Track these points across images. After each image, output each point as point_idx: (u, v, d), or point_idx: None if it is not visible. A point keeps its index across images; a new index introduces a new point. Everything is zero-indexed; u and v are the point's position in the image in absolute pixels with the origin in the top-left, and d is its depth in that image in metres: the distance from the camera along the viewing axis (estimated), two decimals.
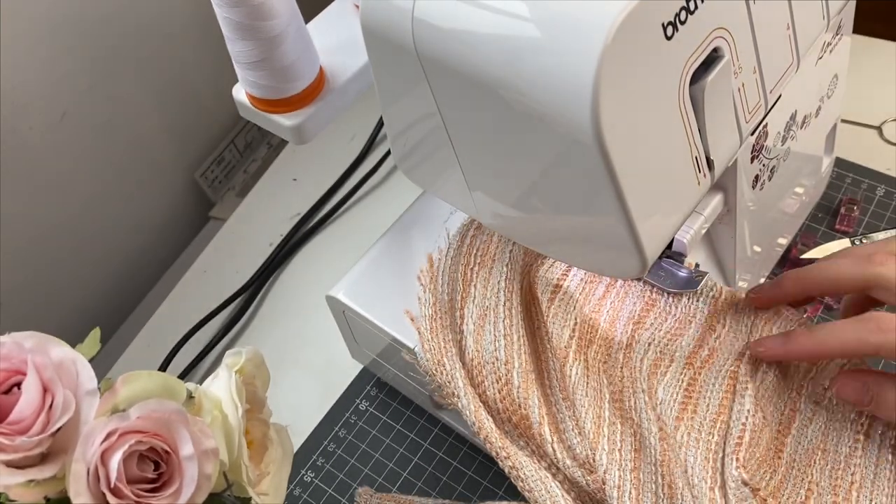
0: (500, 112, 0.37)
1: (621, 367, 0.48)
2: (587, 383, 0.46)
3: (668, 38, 0.34)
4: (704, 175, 0.39)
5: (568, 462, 0.45)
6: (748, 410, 0.44)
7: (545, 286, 0.50)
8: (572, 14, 0.32)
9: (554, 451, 0.45)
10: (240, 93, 0.54)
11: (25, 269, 0.73)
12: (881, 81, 0.70)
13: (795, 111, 0.49)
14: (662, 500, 0.43)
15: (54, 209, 0.75)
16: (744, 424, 0.44)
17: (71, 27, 0.71)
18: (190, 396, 0.42)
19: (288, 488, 0.51)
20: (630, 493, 0.43)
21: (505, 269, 0.49)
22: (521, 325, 0.47)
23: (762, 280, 0.59)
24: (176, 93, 0.84)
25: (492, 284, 0.49)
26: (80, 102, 0.74)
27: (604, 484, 0.44)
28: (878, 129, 0.68)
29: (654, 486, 0.44)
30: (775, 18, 0.40)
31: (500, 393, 0.46)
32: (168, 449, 0.38)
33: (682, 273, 0.48)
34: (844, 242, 0.60)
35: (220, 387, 0.44)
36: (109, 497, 0.36)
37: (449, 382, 0.47)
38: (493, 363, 0.46)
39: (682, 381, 0.46)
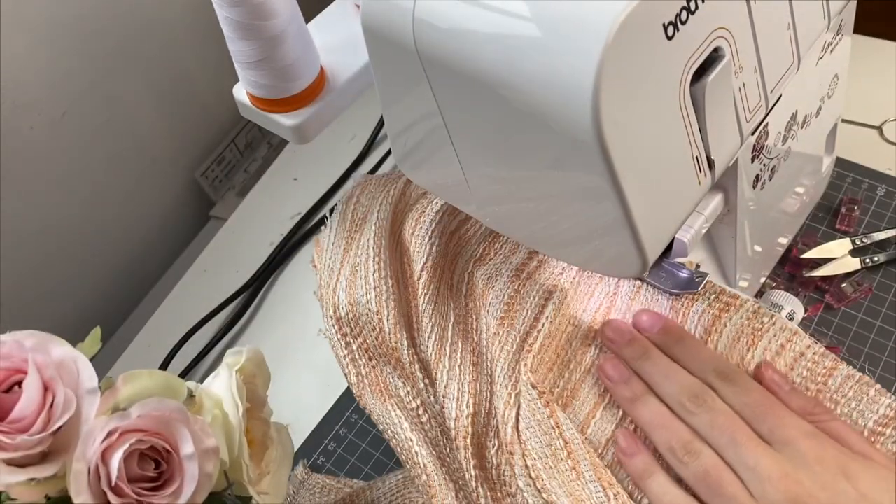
0: (501, 111, 0.37)
1: (465, 296, 0.51)
2: (433, 310, 0.49)
3: (669, 38, 0.34)
4: (705, 175, 0.39)
5: (433, 399, 0.48)
6: (547, 317, 0.47)
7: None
8: (573, 14, 0.32)
9: (425, 387, 0.48)
10: (240, 92, 0.54)
11: (26, 268, 0.73)
12: (882, 81, 0.70)
13: (796, 111, 0.49)
14: (493, 409, 0.47)
15: (55, 208, 0.75)
16: (538, 332, 0.47)
17: (71, 27, 0.71)
18: (191, 395, 0.42)
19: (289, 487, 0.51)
20: (468, 402, 0.47)
21: (374, 227, 0.52)
22: (389, 277, 0.50)
23: (762, 280, 0.59)
24: (176, 92, 0.84)
25: (362, 243, 0.52)
26: (80, 102, 0.74)
27: (444, 398, 0.47)
28: (879, 128, 0.68)
29: (488, 394, 0.47)
30: (776, 18, 0.40)
31: (376, 340, 0.50)
32: (169, 448, 0.38)
33: (683, 274, 0.48)
34: (845, 242, 0.60)
35: (221, 386, 0.44)
36: (110, 496, 0.36)
37: (331, 340, 0.52)
38: (367, 314, 0.50)
39: (506, 294, 0.50)
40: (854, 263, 0.59)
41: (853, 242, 0.60)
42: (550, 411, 0.45)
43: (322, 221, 0.77)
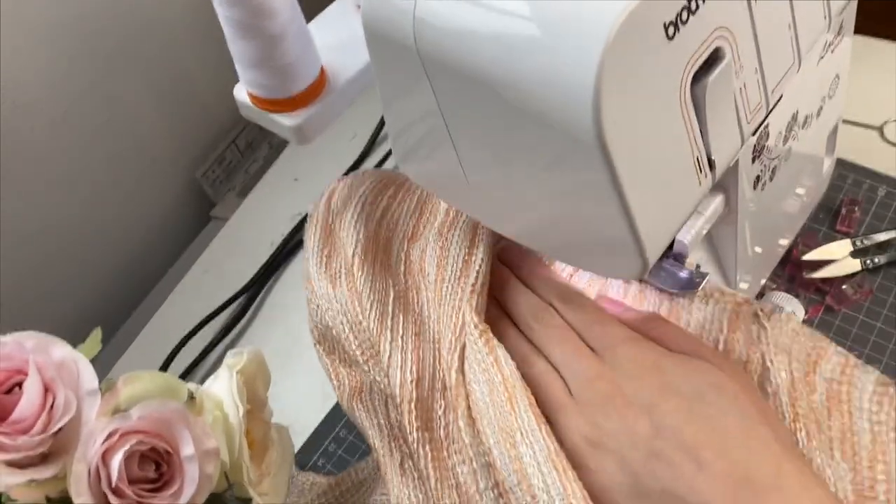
0: (502, 111, 0.37)
1: (404, 274, 0.52)
2: (371, 287, 0.50)
3: (670, 38, 0.34)
4: (706, 175, 0.39)
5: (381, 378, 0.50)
6: (481, 259, 0.48)
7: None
8: (574, 14, 0.32)
9: (369, 368, 0.50)
10: (241, 92, 0.54)
11: (26, 269, 0.73)
12: (882, 82, 0.70)
13: (797, 111, 0.49)
14: (439, 370, 0.48)
15: (55, 208, 0.75)
16: (477, 272, 0.47)
17: (72, 27, 0.71)
18: (191, 397, 0.42)
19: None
20: (412, 369, 0.48)
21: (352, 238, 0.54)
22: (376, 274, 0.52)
23: (763, 281, 0.59)
24: (177, 92, 0.84)
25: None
26: (80, 102, 0.74)
27: (388, 369, 0.48)
28: (880, 129, 0.68)
29: (432, 359, 0.48)
30: (777, 18, 0.40)
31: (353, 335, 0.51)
32: (169, 449, 0.38)
33: (683, 274, 0.48)
34: (846, 243, 0.60)
35: (222, 387, 0.44)
36: (111, 497, 0.36)
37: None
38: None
39: (436, 248, 0.51)
40: (855, 265, 0.59)
41: (854, 244, 0.60)
42: (489, 348, 0.45)
43: None
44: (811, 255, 0.60)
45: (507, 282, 0.49)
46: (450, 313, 0.48)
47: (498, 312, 0.48)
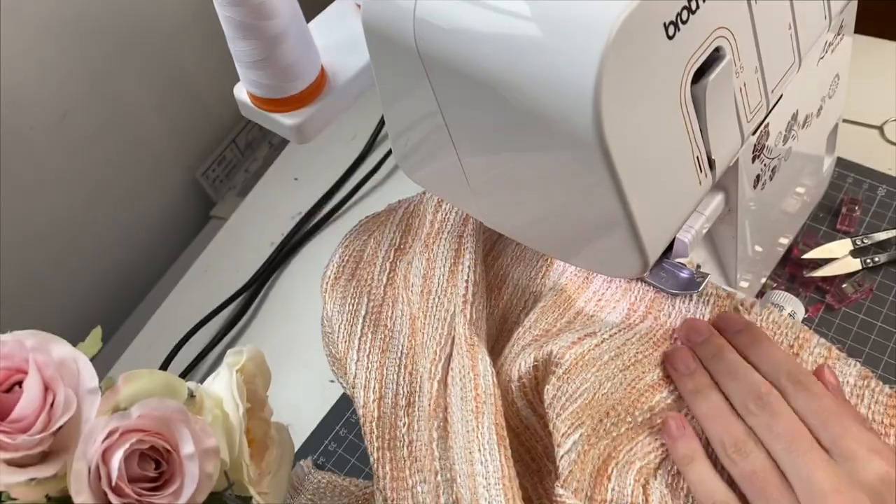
0: (502, 111, 0.37)
1: (385, 286, 0.53)
2: (340, 309, 0.52)
3: (670, 38, 0.34)
4: (706, 175, 0.39)
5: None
6: (468, 268, 0.47)
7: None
8: (574, 14, 0.32)
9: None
10: (241, 92, 0.54)
11: (26, 269, 0.73)
12: (883, 81, 0.70)
13: (797, 111, 0.49)
14: (403, 386, 0.48)
15: (55, 209, 0.75)
16: (466, 282, 0.47)
17: (72, 27, 0.71)
18: (191, 395, 0.42)
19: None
20: (374, 388, 0.48)
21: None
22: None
23: (763, 280, 0.59)
24: (177, 92, 0.84)
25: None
26: (80, 102, 0.74)
27: (354, 389, 0.48)
28: (880, 128, 0.68)
29: (395, 375, 0.49)
30: (777, 18, 0.40)
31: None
32: (169, 448, 0.38)
33: (684, 274, 0.48)
34: (846, 242, 0.60)
35: (221, 386, 0.44)
36: (111, 495, 0.36)
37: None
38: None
39: (423, 260, 0.51)
40: (855, 264, 0.59)
41: (854, 243, 0.60)
42: (473, 361, 0.44)
43: (323, 221, 0.77)
44: (811, 254, 0.60)
45: (721, 351, 0.44)
46: (435, 325, 0.48)
47: (706, 381, 0.44)
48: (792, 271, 0.61)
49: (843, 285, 0.59)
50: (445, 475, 0.43)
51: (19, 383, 0.36)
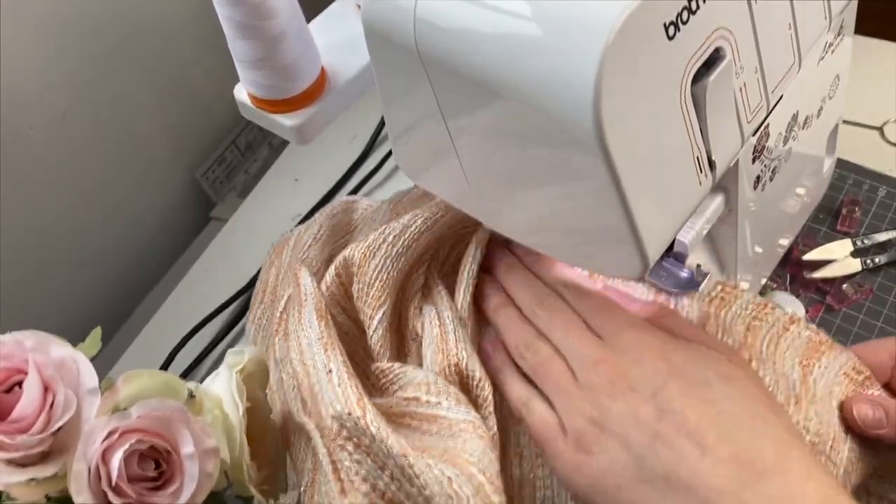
0: (502, 112, 0.37)
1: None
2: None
3: (670, 38, 0.34)
4: (706, 175, 0.39)
5: None
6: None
7: None
8: (574, 14, 0.32)
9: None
10: (241, 93, 0.54)
11: (26, 269, 0.73)
12: (883, 82, 0.70)
13: (797, 112, 0.49)
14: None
15: (55, 209, 0.75)
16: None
17: (72, 27, 0.71)
18: (191, 396, 0.42)
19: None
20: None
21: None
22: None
23: (763, 281, 0.59)
24: (177, 92, 0.84)
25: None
26: (81, 102, 0.74)
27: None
28: (880, 129, 0.68)
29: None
30: (777, 18, 0.40)
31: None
32: (169, 448, 0.38)
33: (684, 274, 0.48)
34: (846, 243, 0.60)
35: (221, 386, 0.44)
36: (111, 495, 0.36)
37: None
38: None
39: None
40: (855, 265, 0.59)
41: (854, 244, 0.60)
42: (297, 279, 0.50)
43: None
44: (812, 255, 0.60)
45: (513, 268, 0.50)
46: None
47: (503, 299, 0.49)
48: (792, 272, 0.61)
49: (843, 286, 0.59)
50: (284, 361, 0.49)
51: (19, 384, 0.36)
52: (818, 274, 0.59)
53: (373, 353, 0.50)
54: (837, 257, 0.60)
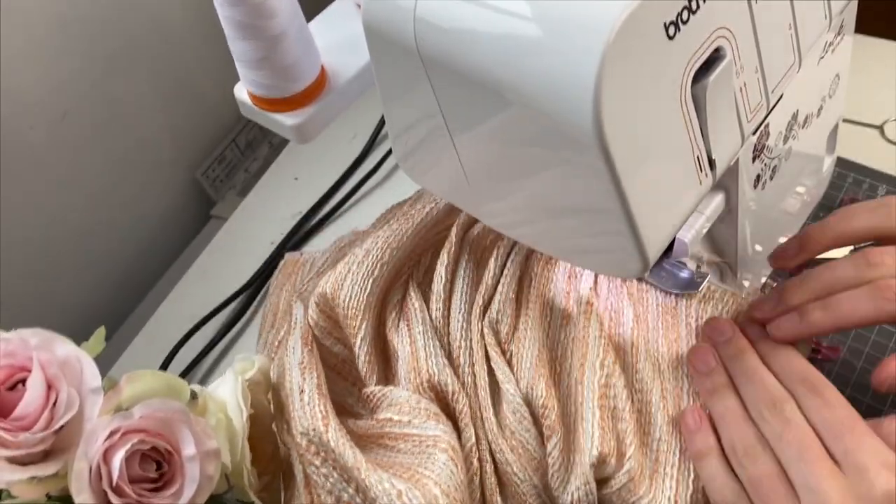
0: (502, 111, 0.37)
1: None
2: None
3: (670, 38, 0.34)
4: (706, 175, 0.39)
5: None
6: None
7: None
8: (574, 14, 0.32)
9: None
10: (241, 92, 0.54)
11: (26, 268, 0.73)
12: (883, 81, 0.70)
13: (797, 111, 0.49)
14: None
15: (55, 208, 0.75)
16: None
17: (72, 27, 0.71)
18: (193, 396, 0.42)
19: None
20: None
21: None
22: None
23: (763, 280, 0.59)
24: (177, 92, 0.84)
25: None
26: (81, 102, 0.74)
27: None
28: (880, 128, 0.68)
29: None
30: (777, 18, 0.40)
31: None
32: (170, 449, 0.38)
33: (684, 274, 0.48)
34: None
35: (227, 391, 0.44)
36: (111, 495, 0.36)
37: None
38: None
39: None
40: None
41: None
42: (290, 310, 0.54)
43: (323, 221, 0.77)
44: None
45: (744, 354, 0.45)
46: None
47: (724, 381, 0.44)
48: (792, 271, 0.60)
49: None
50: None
51: (22, 381, 0.36)
52: None
53: (363, 378, 0.51)
54: (838, 256, 0.59)
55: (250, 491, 0.42)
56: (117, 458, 0.36)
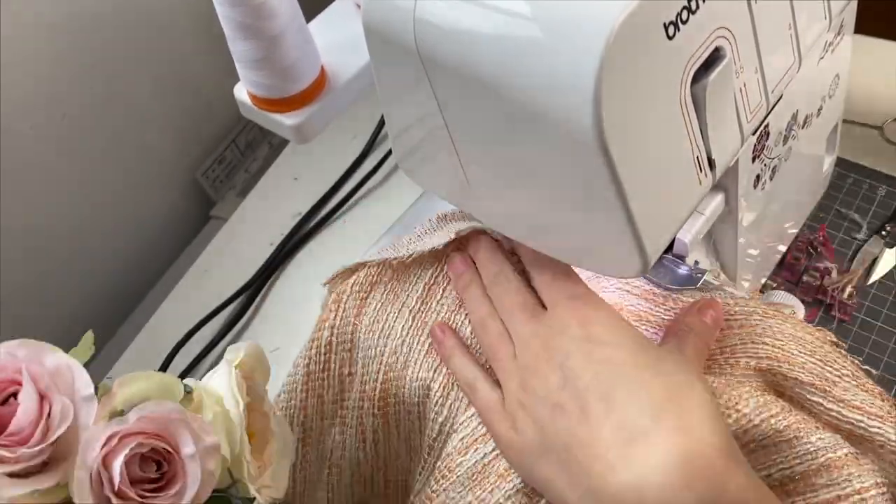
0: (502, 112, 0.37)
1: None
2: None
3: (670, 38, 0.34)
4: (706, 175, 0.39)
5: None
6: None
7: None
8: (574, 14, 0.32)
9: None
10: (241, 92, 0.54)
11: (25, 269, 0.73)
12: (883, 81, 0.70)
13: (797, 111, 0.49)
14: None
15: (55, 209, 0.75)
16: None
17: (72, 27, 0.71)
18: (188, 393, 0.41)
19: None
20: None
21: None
22: None
23: (763, 280, 0.59)
24: (177, 92, 0.84)
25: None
26: (80, 102, 0.74)
27: None
28: (880, 128, 0.68)
29: None
30: (777, 18, 0.40)
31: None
32: (169, 448, 0.38)
33: (682, 270, 0.48)
34: (876, 240, 0.60)
35: (221, 382, 0.44)
36: (114, 500, 0.36)
37: None
38: None
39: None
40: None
41: (882, 237, 0.60)
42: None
43: (323, 221, 0.77)
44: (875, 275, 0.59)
45: (481, 242, 0.49)
46: None
47: (472, 276, 0.48)
48: (788, 277, 0.60)
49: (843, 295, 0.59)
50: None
51: (14, 395, 0.36)
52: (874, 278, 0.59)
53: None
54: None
55: (250, 483, 0.42)
56: (117, 463, 0.36)
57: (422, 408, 0.50)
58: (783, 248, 0.60)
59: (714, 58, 0.37)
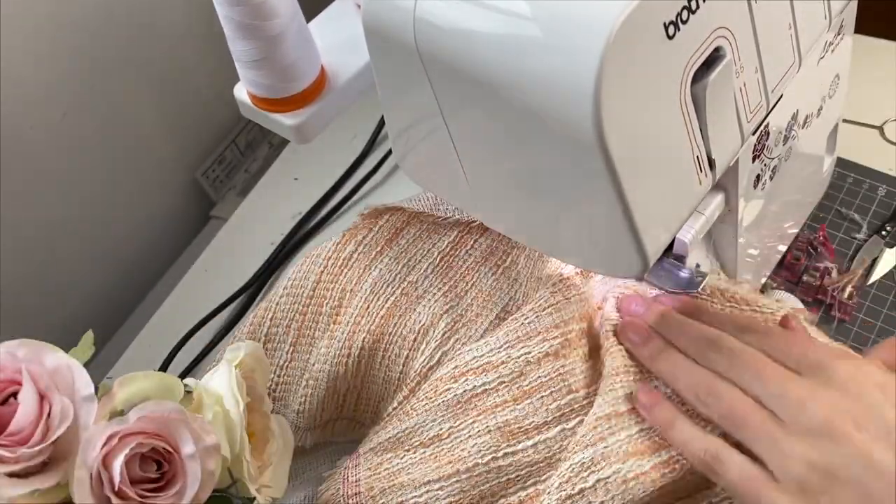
0: (502, 112, 0.37)
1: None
2: None
3: (670, 38, 0.34)
4: (706, 175, 0.39)
5: None
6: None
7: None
8: (574, 14, 0.32)
9: None
10: (241, 92, 0.54)
11: (25, 269, 0.73)
12: (883, 81, 0.70)
13: (797, 111, 0.49)
14: None
15: (55, 209, 0.75)
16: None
17: (72, 27, 0.71)
18: (188, 392, 0.42)
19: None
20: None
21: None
22: None
23: (763, 280, 0.59)
24: (177, 92, 0.84)
25: None
26: (80, 101, 0.74)
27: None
28: (880, 128, 0.68)
29: None
30: (777, 18, 0.40)
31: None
32: (169, 448, 0.38)
33: (683, 273, 0.48)
34: (876, 240, 0.60)
35: (221, 382, 0.44)
36: (114, 500, 0.36)
37: None
38: None
39: None
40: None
41: (882, 236, 0.60)
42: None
43: (323, 221, 0.77)
44: (876, 275, 0.59)
45: (668, 315, 0.45)
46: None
47: (661, 343, 0.44)
48: (788, 277, 0.60)
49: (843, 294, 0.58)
50: None
51: (14, 395, 0.36)
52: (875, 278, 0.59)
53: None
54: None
55: (250, 483, 0.42)
56: (117, 463, 0.36)
57: (419, 337, 0.51)
58: (783, 248, 0.60)
59: (714, 58, 0.37)
